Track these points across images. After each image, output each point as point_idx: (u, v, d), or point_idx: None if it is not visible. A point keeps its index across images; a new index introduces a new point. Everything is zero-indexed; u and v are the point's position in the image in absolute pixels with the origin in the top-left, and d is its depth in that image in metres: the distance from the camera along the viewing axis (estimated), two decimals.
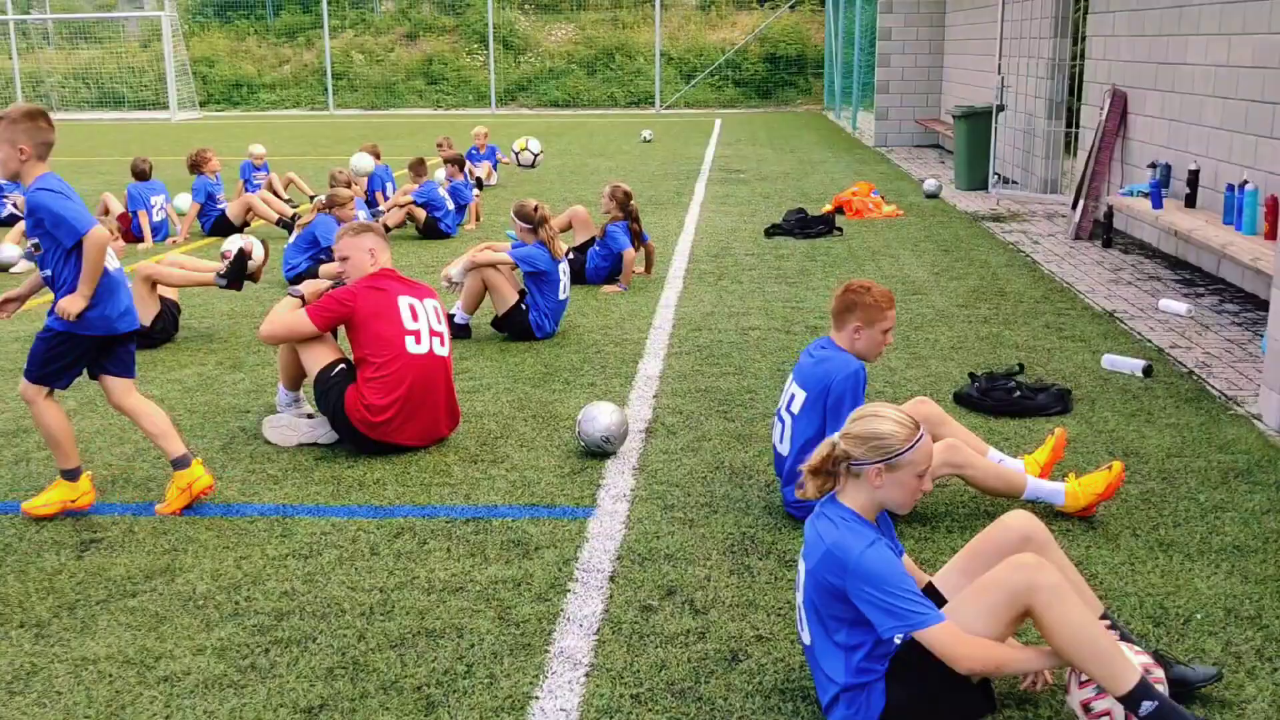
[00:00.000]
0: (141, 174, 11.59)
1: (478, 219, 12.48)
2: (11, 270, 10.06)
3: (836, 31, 27.89)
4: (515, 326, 7.49)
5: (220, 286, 7.49)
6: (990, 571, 3.04)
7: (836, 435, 3.16)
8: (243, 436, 5.71)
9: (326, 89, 35.18)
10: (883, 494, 3.11)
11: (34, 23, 38.09)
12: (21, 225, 10.57)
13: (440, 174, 12.48)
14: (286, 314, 5.46)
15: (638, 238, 9.20)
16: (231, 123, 30.50)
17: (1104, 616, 3.33)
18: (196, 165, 11.91)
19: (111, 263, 4.73)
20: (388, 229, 10.41)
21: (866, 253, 10.44)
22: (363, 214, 10.27)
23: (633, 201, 9.17)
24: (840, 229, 11.49)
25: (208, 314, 8.33)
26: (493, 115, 31.56)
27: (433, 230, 11.53)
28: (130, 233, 11.21)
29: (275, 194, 12.95)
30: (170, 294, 7.62)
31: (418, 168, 11.91)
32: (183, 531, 4.58)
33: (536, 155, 15.84)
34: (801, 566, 3.18)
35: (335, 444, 5.51)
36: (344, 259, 5.53)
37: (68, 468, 4.78)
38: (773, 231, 11.46)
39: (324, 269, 8.68)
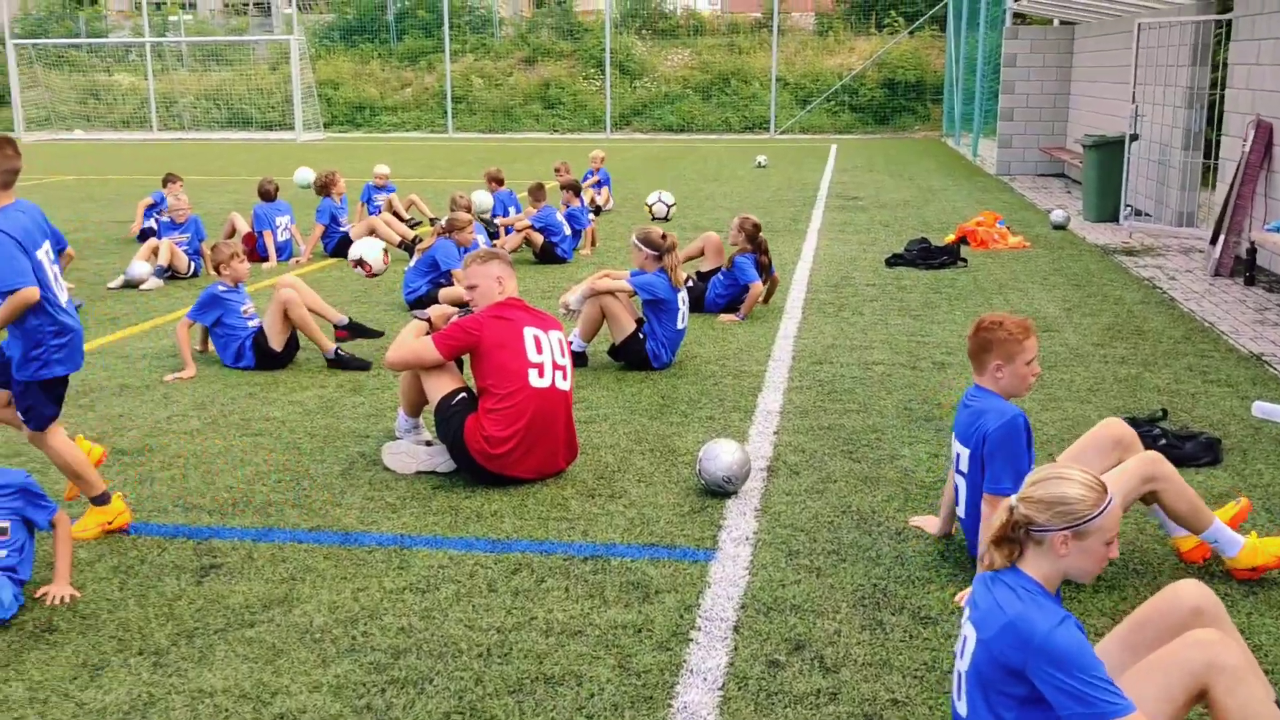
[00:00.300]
0: (267, 195, 11.82)
1: (593, 244, 12.45)
2: (141, 288, 10.28)
3: (957, 57, 27.40)
4: (632, 355, 7.38)
5: (327, 359, 7.55)
6: (1165, 647, 2.77)
7: (1015, 498, 2.89)
8: (362, 462, 5.69)
9: (446, 112, 35.79)
10: (1068, 563, 2.85)
11: (169, 45, 39.58)
12: (153, 242, 10.85)
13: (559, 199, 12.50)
14: (413, 341, 5.43)
15: (765, 270, 9.03)
16: (354, 144, 31.18)
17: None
18: (325, 187, 12.11)
19: (63, 297, 4.62)
20: None
21: (993, 285, 10.11)
22: (481, 239, 10.29)
23: (761, 234, 9.01)
24: (965, 260, 11.17)
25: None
26: (608, 139, 31.72)
27: (549, 255, 11.53)
28: (255, 252, 11.44)
29: (397, 215, 13.11)
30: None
31: (537, 193, 11.93)
32: (301, 559, 4.54)
33: (670, 206, 15.26)
34: (970, 633, 2.93)
35: (453, 473, 5.45)
36: (472, 287, 5.47)
37: (95, 494, 4.76)
38: (894, 261, 11.20)
39: (443, 293, 8.70)
